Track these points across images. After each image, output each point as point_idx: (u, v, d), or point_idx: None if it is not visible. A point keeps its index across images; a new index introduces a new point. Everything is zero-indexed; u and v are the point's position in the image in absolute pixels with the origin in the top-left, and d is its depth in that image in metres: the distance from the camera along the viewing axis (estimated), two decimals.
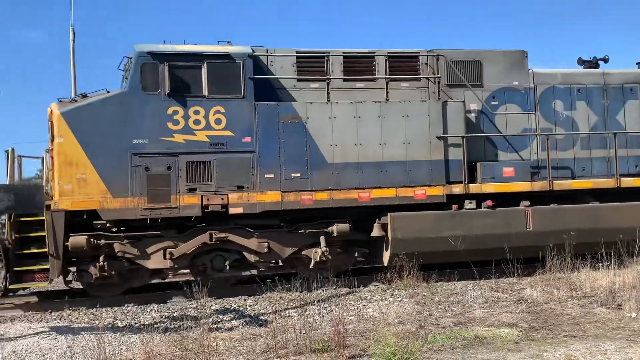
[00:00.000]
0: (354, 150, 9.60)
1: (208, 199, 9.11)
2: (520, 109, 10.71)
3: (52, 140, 8.83)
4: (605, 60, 11.82)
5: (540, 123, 10.80)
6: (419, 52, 10.49)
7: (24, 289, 9.21)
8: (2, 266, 8.73)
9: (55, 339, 6.29)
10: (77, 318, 7.98)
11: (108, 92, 9.15)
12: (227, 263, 9.39)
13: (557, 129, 10.84)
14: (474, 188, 9.93)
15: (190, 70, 9.19)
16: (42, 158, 9.42)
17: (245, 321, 7.51)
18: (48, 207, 8.69)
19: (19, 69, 70.26)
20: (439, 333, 6.64)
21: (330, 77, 9.78)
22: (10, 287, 8.76)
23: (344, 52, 10.27)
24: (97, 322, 7.45)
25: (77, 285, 9.62)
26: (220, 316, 7.82)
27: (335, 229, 9.48)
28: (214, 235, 9.17)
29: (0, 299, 9.02)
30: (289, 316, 7.74)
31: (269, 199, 9.30)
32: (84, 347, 5.75)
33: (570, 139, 10.86)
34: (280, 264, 10.02)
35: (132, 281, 9.45)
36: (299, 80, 10.01)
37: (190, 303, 8.22)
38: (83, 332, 6.45)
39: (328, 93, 9.70)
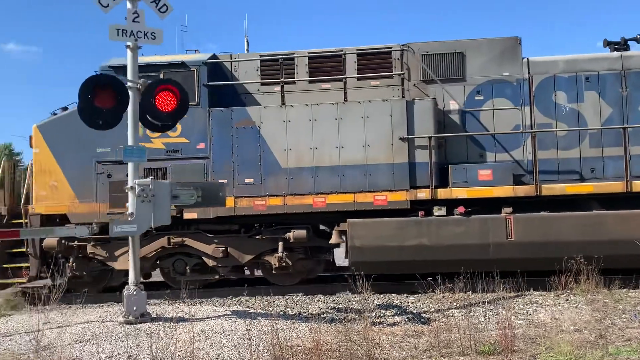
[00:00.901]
0: (309, 155, 9.23)
1: None
2: (511, 104, 9.48)
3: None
4: (638, 41, 10.01)
5: (537, 118, 9.45)
6: (390, 47, 9.77)
7: (12, 283, 10.26)
8: None
9: (236, 322, 6.75)
10: (253, 304, 8.64)
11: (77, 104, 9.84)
12: (187, 267, 9.62)
13: (558, 124, 9.41)
14: (443, 193, 9.01)
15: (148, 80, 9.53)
16: (28, 166, 10.42)
17: (407, 318, 7.54)
18: (27, 211, 9.65)
19: None
20: (623, 345, 6.03)
21: (284, 79, 9.49)
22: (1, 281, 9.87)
23: (309, 53, 9.93)
24: (270, 309, 7.98)
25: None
26: (383, 311, 7.96)
27: (291, 235, 9.22)
28: (171, 240, 9.43)
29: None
30: (452, 316, 7.63)
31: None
32: (259, 331, 6.20)
33: (576, 135, 9.36)
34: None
35: (107, 280, 10.06)
36: (262, 84, 9.89)
37: (354, 296, 8.37)
38: (259, 318, 6.97)
39: (282, 96, 9.42)
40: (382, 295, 8.83)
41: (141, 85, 6.99)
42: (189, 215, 9.34)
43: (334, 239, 9.21)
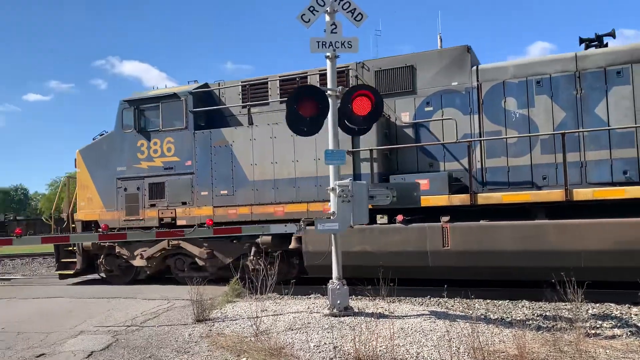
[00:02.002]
0: (270, 168, 10.39)
1: (162, 213, 11.29)
2: (460, 113, 9.56)
3: None
4: (613, 36, 9.34)
5: (486, 126, 9.41)
6: (347, 66, 10.45)
7: (69, 274, 12.97)
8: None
9: (435, 322, 6.73)
10: (452, 306, 8.47)
11: (107, 132, 12.22)
12: (184, 265, 11.39)
13: (508, 131, 9.25)
14: None
15: (152, 110, 11.54)
16: (61, 183, 13.04)
17: (630, 331, 6.73)
18: (70, 217, 12.30)
19: None
20: None
21: (250, 103, 10.77)
22: (57, 272, 12.68)
23: (280, 76, 11.05)
24: (470, 312, 7.77)
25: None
26: (599, 322, 7.28)
27: (260, 240, 10.44)
28: (170, 242, 11.28)
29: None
30: None
31: (204, 213, 10.92)
32: (459, 334, 6.07)
33: (527, 142, 9.12)
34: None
35: (133, 274, 12.26)
36: (243, 106, 11.27)
37: (564, 304, 7.67)
38: (458, 320, 6.86)
39: (250, 117, 10.73)
40: (597, 305, 8.12)
41: (339, 92, 7.35)
42: (180, 222, 11.11)
43: (292, 245, 10.22)
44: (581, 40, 9.58)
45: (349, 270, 9.65)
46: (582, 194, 8.36)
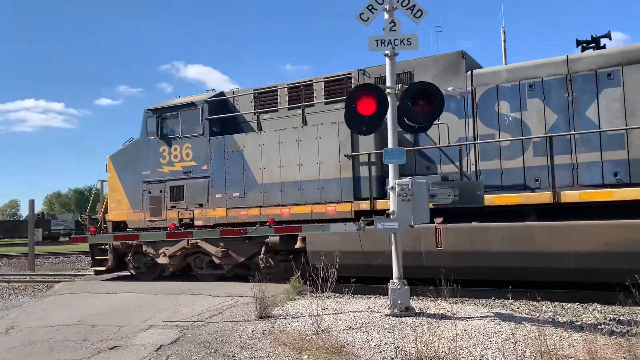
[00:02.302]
0: (277, 172, 10.97)
1: (182, 214, 12.11)
2: (455, 117, 9.81)
3: None
4: (609, 37, 9.36)
5: (480, 130, 9.63)
6: (350, 73, 10.89)
7: (102, 271, 14.00)
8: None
9: (499, 324, 6.57)
10: (518, 308, 8.30)
11: (133, 139, 13.17)
12: (203, 263, 12.16)
13: (502, 134, 9.44)
14: (380, 204, 9.87)
15: (172, 118, 12.38)
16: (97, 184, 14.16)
17: None
18: (103, 218, 13.34)
19: None
20: None
21: (259, 110, 11.37)
22: (92, 268, 13.77)
23: (288, 84, 11.62)
24: (537, 314, 7.64)
25: None
26: None
27: (269, 240, 11.06)
28: (189, 242, 12.07)
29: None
30: None
31: (218, 214, 11.65)
32: (525, 337, 5.88)
33: (519, 145, 9.28)
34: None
35: (158, 272, 13.15)
36: (255, 113, 11.92)
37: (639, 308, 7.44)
38: (524, 322, 6.64)
39: (259, 123, 11.36)
40: None
41: (398, 90, 7.24)
42: (197, 222, 11.89)
43: (297, 244, 10.77)
44: (578, 43, 9.63)
45: (349, 269, 10.17)
46: (570, 196, 8.47)
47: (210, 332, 6.94)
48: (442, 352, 5.38)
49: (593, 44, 9.41)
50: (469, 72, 9.79)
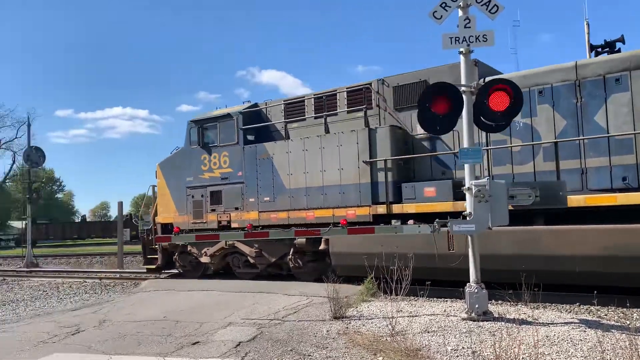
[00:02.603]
0: (303, 178, 11.67)
1: (220, 217, 13.08)
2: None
3: None
4: (622, 41, 9.35)
5: (492, 136, 9.84)
6: (370, 83, 11.39)
7: (152, 269, 15.23)
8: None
9: (585, 331, 6.33)
10: (605, 315, 7.93)
11: (179, 148, 14.32)
12: (240, 263, 13.06)
13: (513, 140, 9.63)
14: (397, 208, 10.33)
15: (212, 128, 13.39)
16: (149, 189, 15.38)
17: None
18: (153, 220, 14.60)
19: None
20: None
21: (286, 120, 12.11)
22: (144, 266, 15.07)
23: (314, 95, 12.28)
24: (627, 322, 7.29)
25: None
26: None
27: (296, 242, 11.77)
28: (227, 242, 13.01)
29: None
30: None
31: (252, 217, 12.50)
32: (614, 345, 5.55)
33: (530, 150, 9.45)
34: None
35: (202, 270, 14.16)
36: (284, 122, 12.68)
37: None
38: (613, 330, 6.36)
39: (286, 132, 12.10)
40: None
41: (474, 88, 7.15)
42: (234, 225, 12.81)
43: (322, 246, 11.40)
44: (591, 48, 9.64)
45: (367, 270, 10.69)
46: (576, 200, 8.57)
47: (286, 330, 7.13)
48: (523, 358, 5.20)
49: (607, 49, 9.41)
50: (482, 80, 10.02)
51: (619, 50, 9.38)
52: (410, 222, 10.05)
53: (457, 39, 7.12)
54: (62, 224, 61.06)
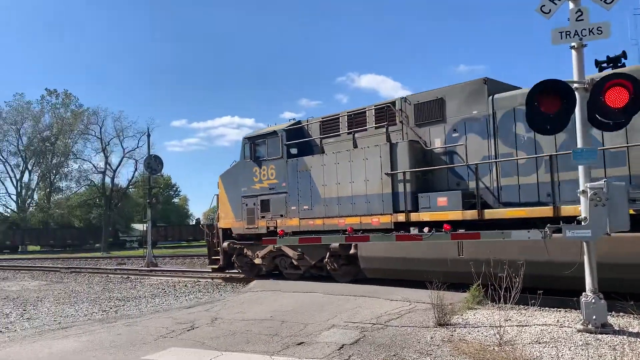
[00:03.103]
0: (335, 188, 12.89)
1: (268, 223, 14.63)
2: (479, 138, 10.83)
3: None
4: (624, 57, 9.66)
5: (500, 149, 10.53)
6: (394, 102, 12.38)
7: (216, 269, 17.07)
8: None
9: None
10: None
11: (236, 161, 16.08)
12: (286, 264, 14.50)
13: (518, 153, 10.24)
14: (414, 217, 11.25)
15: (262, 144, 15.00)
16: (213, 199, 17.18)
17: None
18: (215, 225, 16.52)
19: None
20: None
21: (321, 136, 13.40)
22: (210, 266, 17.01)
23: (347, 112, 13.47)
24: None
25: None
26: None
27: (331, 246, 13.01)
28: (275, 246, 14.49)
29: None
30: None
31: (294, 223, 13.91)
32: None
33: (533, 162, 10.01)
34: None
35: (257, 271, 15.72)
36: (320, 138, 13.97)
37: None
38: None
39: (321, 147, 13.39)
40: None
41: (588, 84, 6.77)
42: (279, 231, 14.20)
43: (352, 250, 12.55)
44: (597, 64, 9.98)
45: (391, 272, 11.71)
46: (569, 210, 9.08)
47: (389, 335, 7.11)
48: None
49: (611, 64, 9.74)
50: (491, 97, 10.72)
51: (623, 65, 9.66)
52: (426, 229, 10.98)
53: (568, 33, 6.79)
54: (179, 226, 66.60)
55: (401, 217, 11.52)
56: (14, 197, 64.10)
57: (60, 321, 10.27)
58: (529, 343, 6.31)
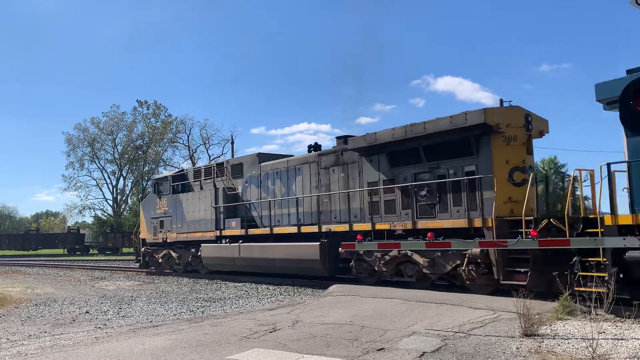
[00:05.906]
0: (192, 214, 21.04)
1: (163, 235, 22.81)
2: (255, 187, 18.89)
3: None
4: None
5: (262, 194, 18.55)
6: (223, 162, 20.60)
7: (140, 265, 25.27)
8: None
9: None
10: None
11: (150, 193, 24.39)
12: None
13: (269, 197, 18.20)
14: (225, 232, 19.26)
15: (161, 184, 23.32)
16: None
17: None
18: (137, 236, 24.98)
19: None
20: None
21: (189, 180, 21.76)
22: (135, 263, 25.39)
23: (204, 166, 21.71)
24: None
25: None
26: None
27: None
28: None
29: None
30: None
31: (174, 236, 22.02)
32: None
33: (267, 203, 18.00)
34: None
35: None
36: (190, 182, 22.17)
37: None
38: None
39: (191, 187, 21.75)
40: None
41: None
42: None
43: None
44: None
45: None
46: (282, 229, 17.04)
47: (472, 344, 6.87)
48: None
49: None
50: (260, 164, 18.72)
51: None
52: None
53: None
54: None
55: (218, 233, 19.57)
56: (110, 202, 66.88)
57: (152, 319, 10.59)
58: (625, 358, 6.05)
